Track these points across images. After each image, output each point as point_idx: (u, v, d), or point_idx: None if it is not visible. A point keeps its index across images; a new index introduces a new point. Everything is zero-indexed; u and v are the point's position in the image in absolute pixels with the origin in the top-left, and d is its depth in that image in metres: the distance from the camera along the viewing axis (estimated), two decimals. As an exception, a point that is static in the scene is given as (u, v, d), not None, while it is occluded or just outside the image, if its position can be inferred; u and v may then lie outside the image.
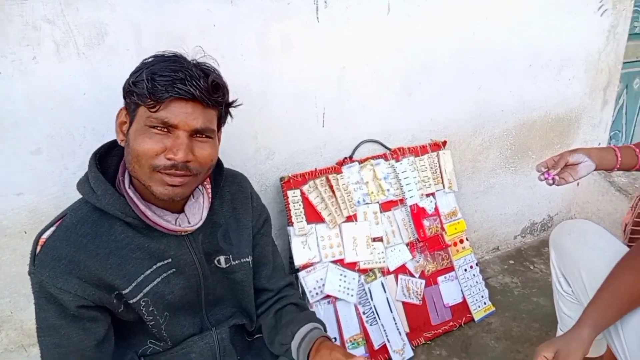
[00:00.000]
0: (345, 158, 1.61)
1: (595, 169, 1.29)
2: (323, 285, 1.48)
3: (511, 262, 2.12)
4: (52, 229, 0.90)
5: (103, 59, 1.20)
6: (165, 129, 0.85)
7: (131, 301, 0.94)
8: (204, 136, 0.89)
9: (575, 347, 1.02)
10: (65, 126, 1.21)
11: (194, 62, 0.90)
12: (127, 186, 0.92)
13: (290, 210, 1.48)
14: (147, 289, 0.95)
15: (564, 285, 1.25)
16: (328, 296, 1.49)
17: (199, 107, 0.86)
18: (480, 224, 2.08)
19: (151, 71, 0.84)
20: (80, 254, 0.88)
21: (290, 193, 1.49)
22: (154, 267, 0.95)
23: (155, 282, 0.95)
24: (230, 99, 0.97)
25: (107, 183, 0.91)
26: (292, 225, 1.48)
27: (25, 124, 1.16)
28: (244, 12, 1.33)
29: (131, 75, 0.89)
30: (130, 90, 0.86)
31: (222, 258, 1.04)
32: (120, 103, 1.24)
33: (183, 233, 0.96)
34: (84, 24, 1.15)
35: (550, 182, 1.25)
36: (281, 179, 1.50)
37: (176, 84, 0.83)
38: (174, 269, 0.97)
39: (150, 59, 0.89)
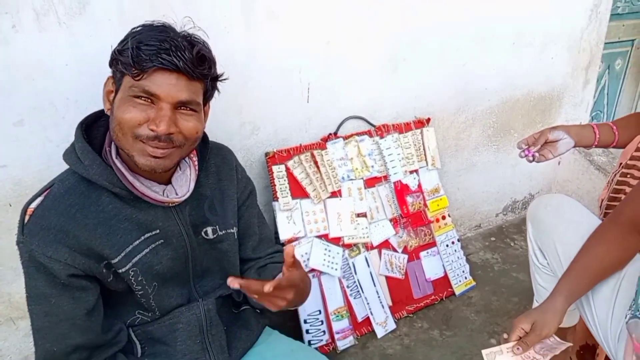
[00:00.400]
0: (330, 134, 1.62)
1: (575, 146, 1.33)
2: (308, 259, 1.50)
3: (492, 239, 2.17)
4: (40, 198, 0.91)
5: (85, 28, 1.18)
6: (149, 99, 0.86)
7: (120, 270, 0.95)
8: (188, 109, 0.89)
9: (551, 317, 1.06)
10: (48, 97, 1.20)
11: (183, 33, 0.89)
12: (114, 157, 0.92)
13: (275, 185, 1.49)
14: (136, 259, 0.96)
15: (539, 258, 1.29)
16: (313, 270, 1.52)
17: (183, 79, 0.86)
18: (462, 202, 2.12)
19: (137, 40, 0.84)
20: (69, 223, 0.89)
21: (275, 168, 1.49)
22: (142, 237, 0.96)
23: (143, 253, 0.96)
24: (218, 73, 0.97)
25: (94, 153, 0.91)
26: (277, 200, 1.49)
27: (7, 94, 1.15)
28: (228, -18, 1.31)
29: (119, 44, 0.89)
30: (116, 59, 0.86)
31: (209, 229, 1.05)
32: (104, 74, 1.23)
33: (170, 204, 0.97)
34: (64, -8, 1.13)
35: (531, 158, 1.29)
36: (266, 154, 1.51)
37: (161, 54, 0.82)
38: (162, 240, 0.98)
39: (138, 28, 0.89)
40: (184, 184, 0.99)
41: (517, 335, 1.08)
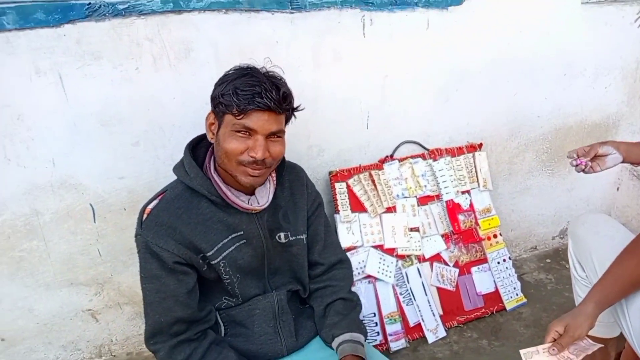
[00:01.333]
0: (387, 156, 1.81)
1: (623, 161, 1.39)
2: (364, 266, 1.68)
3: (548, 260, 2.22)
4: (155, 201, 1.17)
5: (189, 69, 1.48)
6: (247, 133, 1.09)
7: (213, 262, 1.18)
8: (276, 136, 1.14)
9: (582, 320, 1.14)
10: (158, 124, 1.50)
11: (265, 73, 1.13)
12: (212, 171, 1.17)
13: (337, 200, 1.70)
14: (225, 253, 1.19)
15: (579, 271, 1.38)
16: (369, 276, 1.69)
17: (272, 115, 1.10)
18: (517, 223, 2.20)
19: (234, 86, 1.07)
20: (177, 222, 1.14)
21: (337, 185, 1.71)
22: (230, 237, 1.19)
23: (231, 249, 1.19)
24: (295, 104, 1.20)
25: (198, 168, 1.16)
26: (338, 213, 1.70)
27: (128, 121, 1.46)
28: (302, 30, 1.57)
29: (217, 86, 1.14)
30: (219, 102, 1.10)
31: (282, 234, 1.28)
32: (201, 106, 1.53)
33: (253, 211, 1.21)
34: (174, 42, 1.44)
35: (583, 167, 1.36)
36: (330, 173, 1.73)
37: (255, 98, 1.05)
38: (245, 240, 1.21)
39: (231, 72, 1.14)
40: (264, 195, 1.23)
41: (551, 337, 1.16)
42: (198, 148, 1.23)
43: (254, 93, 1.06)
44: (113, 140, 1.46)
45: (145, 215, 1.15)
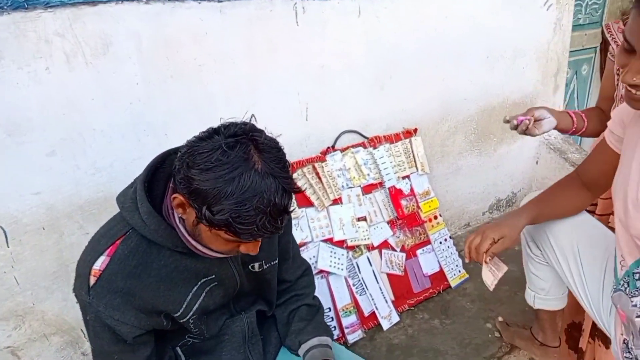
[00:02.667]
0: (328, 147, 1.78)
1: (556, 127, 1.46)
2: (316, 261, 1.65)
3: (481, 235, 2.33)
4: (103, 258, 0.91)
5: (108, 67, 1.33)
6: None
7: (181, 321, 1.02)
8: None
9: (514, 231, 1.23)
10: (77, 129, 1.34)
11: (267, 170, 0.80)
12: (177, 220, 0.92)
13: (282, 196, 1.64)
14: (196, 306, 1.01)
15: (533, 249, 1.43)
16: (321, 271, 1.66)
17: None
18: (451, 203, 2.29)
19: (231, 210, 0.78)
20: (135, 286, 0.92)
21: (281, 181, 1.64)
22: (199, 283, 1.01)
23: (201, 298, 1.02)
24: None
25: (160, 218, 0.91)
26: (284, 210, 1.64)
27: (40, 129, 1.28)
28: (232, 20, 1.48)
29: (195, 179, 0.79)
30: (202, 215, 0.81)
31: (256, 264, 1.11)
32: (125, 106, 1.39)
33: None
34: (90, 36, 1.28)
35: (524, 127, 1.40)
36: (272, 169, 1.65)
37: (257, 229, 0.81)
38: (216, 282, 1.04)
39: (219, 172, 0.78)
40: None
41: (488, 244, 1.23)
42: (153, 180, 0.95)
43: (255, 221, 0.80)
44: (23, 151, 1.27)
45: (92, 279, 0.91)
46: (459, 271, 1.99)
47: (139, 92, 1.39)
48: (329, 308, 1.67)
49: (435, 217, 1.98)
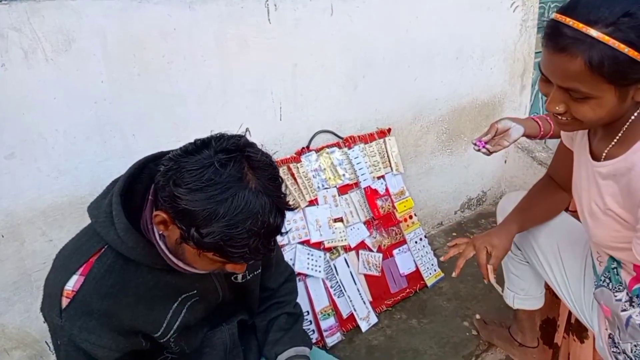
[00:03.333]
0: (303, 148, 1.75)
1: (524, 134, 1.46)
2: (293, 264, 1.61)
3: (454, 234, 2.35)
4: (76, 278, 0.84)
5: (71, 64, 1.26)
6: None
7: (161, 341, 0.96)
8: None
9: (505, 241, 1.24)
10: (37, 130, 1.26)
11: (261, 188, 0.76)
12: (157, 237, 0.85)
13: (256, 198, 1.60)
14: (177, 324, 0.96)
15: (512, 249, 1.42)
16: (299, 274, 1.62)
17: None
18: (425, 202, 2.30)
19: (220, 234, 0.73)
20: (113, 306, 0.85)
21: (255, 182, 1.60)
22: (180, 299, 0.96)
23: (182, 315, 0.96)
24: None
25: (138, 234, 0.84)
26: (259, 212, 1.59)
27: (-2, 130, 1.20)
28: (202, 16, 1.43)
29: (182, 197, 0.73)
30: (190, 235, 0.75)
31: (239, 276, 1.06)
32: (89, 105, 1.33)
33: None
34: (50, 31, 1.21)
35: (484, 150, 1.40)
36: (246, 170, 1.61)
37: (249, 252, 0.76)
38: (197, 297, 0.99)
39: (208, 192, 0.73)
40: None
41: (484, 254, 1.24)
42: (131, 190, 0.88)
43: (248, 244, 0.75)
44: (-21, 154, 1.19)
45: (65, 300, 0.83)
46: (435, 270, 1.99)
47: (104, 90, 1.33)
48: (307, 311, 1.63)
49: (411, 217, 1.98)
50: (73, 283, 0.84)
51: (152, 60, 1.38)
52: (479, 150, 1.43)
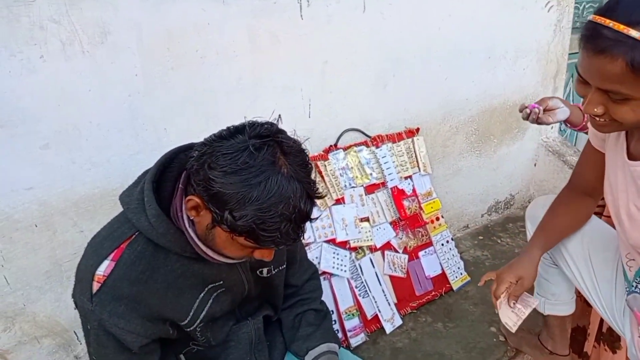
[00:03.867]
0: (331, 146, 1.73)
1: (567, 119, 1.45)
2: (319, 263, 1.60)
3: (480, 237, 2.31)
4: (108, 263, 0.86)
5: (106, 56, 1.27)
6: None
7: (188, 329, 0.97)
8: None
9: (529, 268, 1.21)
10: (72, 122, 1.27)
11: (293, 174, 0.77)
12: (187, 224, 0.86)
13: (284, 195, 1.59)
14: (203, 314, 0.97)
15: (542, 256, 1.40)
16: (324, 272, 1.61)
17: None
18: (451, 204, 2.26)
19: (255, 215, 0.75)
20: (142, 292, 0.87)
21: (283, 179, 1.59)
22: (206, 289, 0.97)
23: (209, 305, 0.97)
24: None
25: (169, 222, 0.86)
26: (286, 209, 1.59)
27: (34, 120, 1.22)
28: (235, 10, 1.43)
29: (216, 180, 0.75)
30: (223, 219, 0.77)
31: (264, 270, 1.07)
32: (124, 98, 1.34)
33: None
34: (87, 24, 1.22)
35: (535, 110, 1.39)
36: (274, 166, 1.60)
37: (281, 237, 0.78)
38: (224, 288, 0.99)
39: (242, 175, 0.75)
40: None
41: (505, 287, 1.19)
42: (161, 181, 0.89)
43: (280, 227, 0.77)
44: (16, 144, 1.21)
45: (96, 285, 0.85)
46: (461, 273, 1.96)
47: (138, 84, 1.33)
48: (332, 311, 1.61)
49: (437, 219, 1.95)
50: (104, 268, 0.86)
51: (186, 54, 1.38)
52: (528, 114, 1.40)
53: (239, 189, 0.74)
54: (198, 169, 0.78)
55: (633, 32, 0.78)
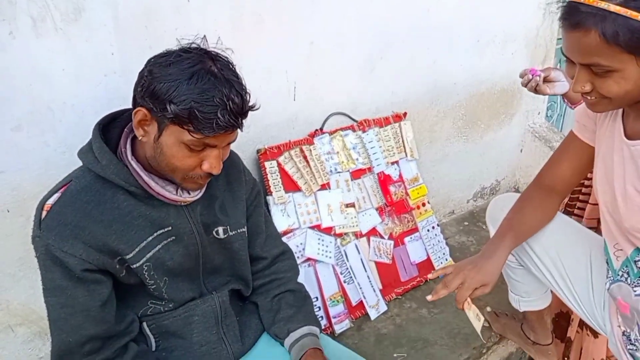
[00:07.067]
0: (317, 130, 1.70)
1: (566, 94, 1.45)
2: (303, 249, 1.58)
3: (466, 223, 2.31)
4: (57, 195, 0.94)
5: (81, 34, 1.20)
6: (202, 147, 0.91)
7: (134, 266, 0.99)
8: (229, 144, 0.98)
9: (494, 274, 1.14)
10: (45, 102, 1.21)
11: (219, 68, 0.89)
12: (129, 157, 0.96)
13: (268, 180, 1.56)
14: (149, 254, 1.00)
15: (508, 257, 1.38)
16: (309, 259, 1.59)
17: (235, 130, 0.94)
18: (437, 190, 2.25)
19: (189, 98, 0.84)
20: (86, 220, 0.93)
21: (267, 164, 1.56)
22: (155, 234, 1.00)
23: (156, 249, 1.01)
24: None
25: (112, 154, 0.95)
26: (271, 194, 1.56)
27: (4, 100, 1.16)
28: (217, -12, 1.37)
29: (154, 80, 0.87)
30: (167, 113, 0.86)
31: (220, 229, 1.10)
32: (99, 79, 1.29)
33: (183, 203, 1.02)
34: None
35: (536, 78, 1.38)
36: (258, 151, 1.57)
37: (219, 120, 0.85)
38: (174, 237, 1.03)
39: (173, 64, 0.87)
40: None
41: (468, 294, 1.14)
42: (110, 129, 1.00)
43: (216, 111, 0.85)
44: (-16, 125, 1.15)
45: (44, 213, 0.93)
46: (446, 259, 1.95)
47: (114, 63, 1.27)
48: (316, 297, 1.60)
49: (424, 204, 1.94)
50: (53, 199, 0.94)
51: (165, 33, 1.32)
52: (528, 81, 1.39)
53: (176, 77, 0.85)
54: (139, 80, 0.90)
55: (602, 4, 0.81)
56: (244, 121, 0.94)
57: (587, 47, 0.85)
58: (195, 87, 0.85)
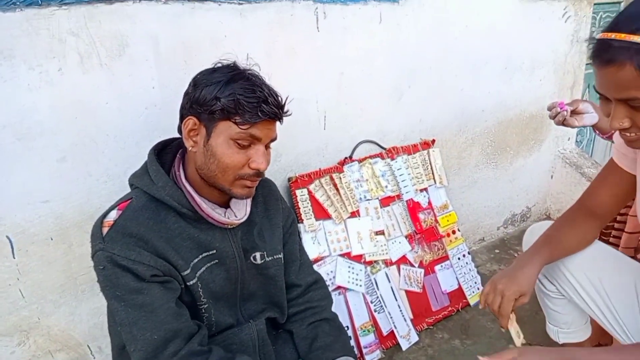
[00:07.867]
0: (346, 158, 1.72)
1: (596, 125, 1.43)
2: (334, 277, 1.57)
3: (497, 251, 2.27)
4: (115, 212, 0.97)
5: (124, 69, 1.26)
6: (249, 143, 0.97)
7: (189, 283, 1.01)
8: (269, 144, 1.03)
9: (530, 283, 1.15)
10: (89, 135, 1.27)
11: (258, 78, 1.00)
12: (183, 180, 1.01)
13: (299, 208, 1.57)
14: (199, 273, 1.03)
15: (546, 285, 1.33)
16: (339, 287, 1.59)
17: (275, 122, 1.01)
18: (467, 217, 2.22)
19: (233, 91, 0.93)
20: (149, 233, 0.96)
21: (298, 192, 1.58)
22: (201, 256, 1.03)
23: (202, 269, 1.03)
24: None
25: (167, 176, 1.00)
26: (302, 222, 1.57)
27: (51, 133, 1.21)
28: (252, 23, 1.42)
29: (198, 88, 0.97)
30: (214, 108, 0.94)
31: (257, 254, 1.12)
32: (140, 111, 1.34)
33: (230, 226, 1.05)
34: (106, 36, 1.22)
35: (563, 112, 1.37)
36: (289, 179, 1.59)
37: (262, 106, 0.94)
38: (217, 260, 1.05)
39: (215, 73, 0.98)
40: (241, 207, 1.07)
41: (511, 306, 1.15)
42: (162, 155, 1.06)
43: (259, 100, 0.94)
44: (33, 156, 1.20)
45: (105, 229, 0.96)
46: (478, 288, 1.92)
47: (155, 96, 1.33)
48: (347, 326, 1.59)
49: (454, 232, 1.92)
50: (113, 215, 0.97)
51: (203, 66, 1.34)
52: (555, 114, 1.39)
53: (219, 79, 0.95)
54: (185, 97, 1.01)
55: (636, 38, 0.80)
56: (283, 117, 1.01)
57: (622, 81, 0.83)
58: (237, 85, 0.94)
